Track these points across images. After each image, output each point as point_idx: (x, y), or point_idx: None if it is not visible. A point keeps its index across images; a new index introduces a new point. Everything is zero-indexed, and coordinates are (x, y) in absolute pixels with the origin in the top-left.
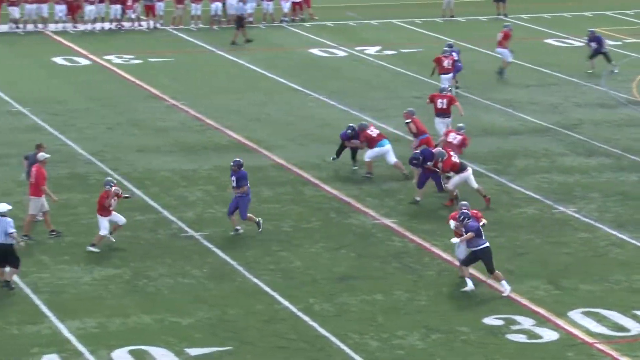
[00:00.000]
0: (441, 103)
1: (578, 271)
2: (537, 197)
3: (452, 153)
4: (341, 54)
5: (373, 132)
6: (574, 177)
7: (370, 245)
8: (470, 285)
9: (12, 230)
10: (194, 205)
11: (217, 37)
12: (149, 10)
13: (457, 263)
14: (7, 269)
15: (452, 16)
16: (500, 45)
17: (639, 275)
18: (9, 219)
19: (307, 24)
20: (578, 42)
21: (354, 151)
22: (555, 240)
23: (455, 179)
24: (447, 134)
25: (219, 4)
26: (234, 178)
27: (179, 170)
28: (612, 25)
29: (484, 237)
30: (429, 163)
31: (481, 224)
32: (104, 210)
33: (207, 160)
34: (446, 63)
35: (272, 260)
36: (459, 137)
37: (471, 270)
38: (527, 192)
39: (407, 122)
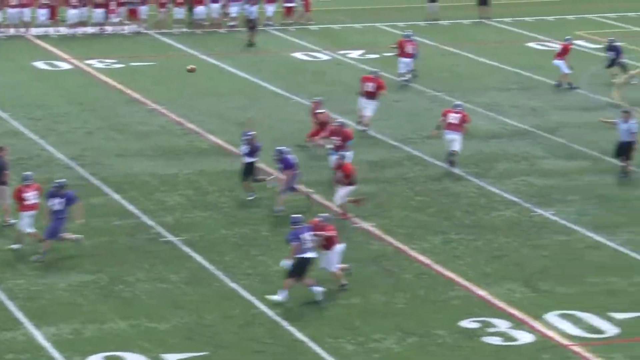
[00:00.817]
0: (370, 86)
1: (555, 274)
2: (516, 200)
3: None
4: (324, 57)
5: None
6: (553, 180)
7: (349, 249)
8: (280, 297)
9: None
10: (173, 210)
11: (200, 41)
12: (132, 14)
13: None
14: None
15: (436, 19)
16: (558, 57)
17: (615, 278)
18: None
19: (291, 28)
20: (560, 45)
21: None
22: (533, 243)
23: (342, 191)
24: (445, 114)
25: (202, 8)
26: (59, 200)
27: (158, 175)
28: (594, 28)
29: (309, 249)
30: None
31: (323, 235)
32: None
33: (187, 165)
34: (409, 48)
35: (251, 265)
36: (459, 116)
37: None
38: (506, 195)
39: (318, 112)
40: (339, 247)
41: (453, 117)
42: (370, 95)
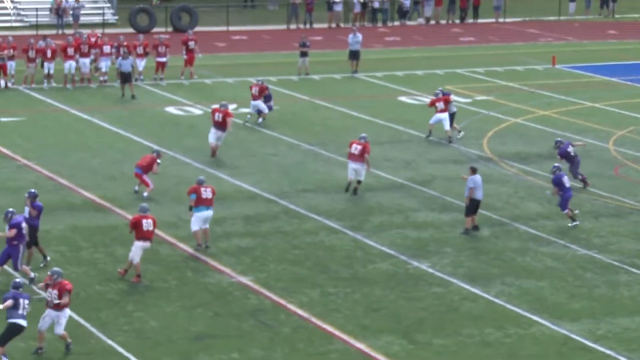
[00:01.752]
0: (218, 116)
1: (432, 326)
2: (392, 252)
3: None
4: (197, 112)
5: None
6: (427, 233)
7: (227, 304)
8: None
9: None
10: (46, 267)
11: (70, 95)
12: (0, 69)
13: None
14: None
15: (307, 74)
16: (441, 112)
17: (491, 329)
18: None
19: (162, 83)
20: (430, 99)
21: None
22: (410, 295)
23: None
24: (350, 145)
25: (73, 63)
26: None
27: None
28: (463, 82)
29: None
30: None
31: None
32: None
33: (60, 221)
34: (253, 90)
35: (127, 321)
36: (360, 147)
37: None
38: (382, 248)
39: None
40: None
41: (354, 148)
42: (219, 125)
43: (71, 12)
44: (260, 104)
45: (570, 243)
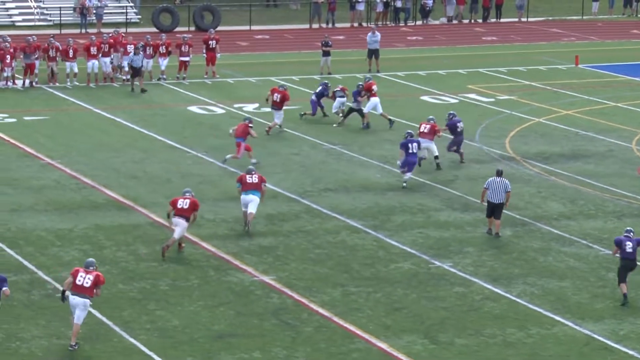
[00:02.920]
0: (277, 96)
1: (454, 325)
2: (414, 252)
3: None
4: (219, 111)
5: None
6: (449, 232)
7: (249, 303)
8: None
9: None
10: (69, 265)
11: (93, 94)
12: (28, 68)
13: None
14: None
15: (330, 73)
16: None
17: (513, 329)
18: None
19: (185, 82)
20: (452, 99)
21: None
22: (432, 294)
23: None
24: (420, 125)
25: (95, 62)
26: None
27: (54, 230)
28: (486, 82)
29: None
30: None
31: None
32: None
33: (83, 219)
34: (275, 96)
35: (149, 320)
36: (428, 126)
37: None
38: (404, 247)
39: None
40: None
41: (424, 127)
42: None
43: (94, 11)
44: (279, 112)
45: (592, 243)
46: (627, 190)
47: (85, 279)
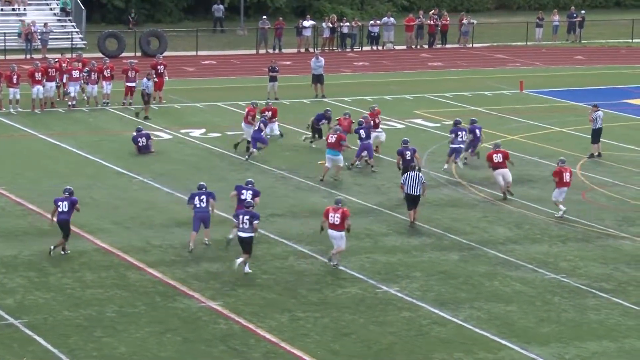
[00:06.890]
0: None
1: (402, 350)
2: (361, 277)
3: None
4: (166, 136)
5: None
6: (396, 257)
7: (196, 329)
8: None
9: None
10: (13, 292)
11: (38, 120)
12: None
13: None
14: None
15: (277, 98)
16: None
17: (460, 353)
18: None
19: (131, 107)
20: (399, 124)
21: None
22: (380, 319)
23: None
24: (489, 156)
25: (40, 87)
26: None
27: None
28: (432, 107)
29: None
30: None
31: None
32: None
33: (28, 246)
34: (267, 114)
35: (96, 347)
36: (500, 155)
37: None
38: (352, 272)
39: None
40: None
41: (496, 157)
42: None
43: (39, 37)
44: (273, 126)
45: (538, 267)
46: (571, 215)
47: (334, 219)
